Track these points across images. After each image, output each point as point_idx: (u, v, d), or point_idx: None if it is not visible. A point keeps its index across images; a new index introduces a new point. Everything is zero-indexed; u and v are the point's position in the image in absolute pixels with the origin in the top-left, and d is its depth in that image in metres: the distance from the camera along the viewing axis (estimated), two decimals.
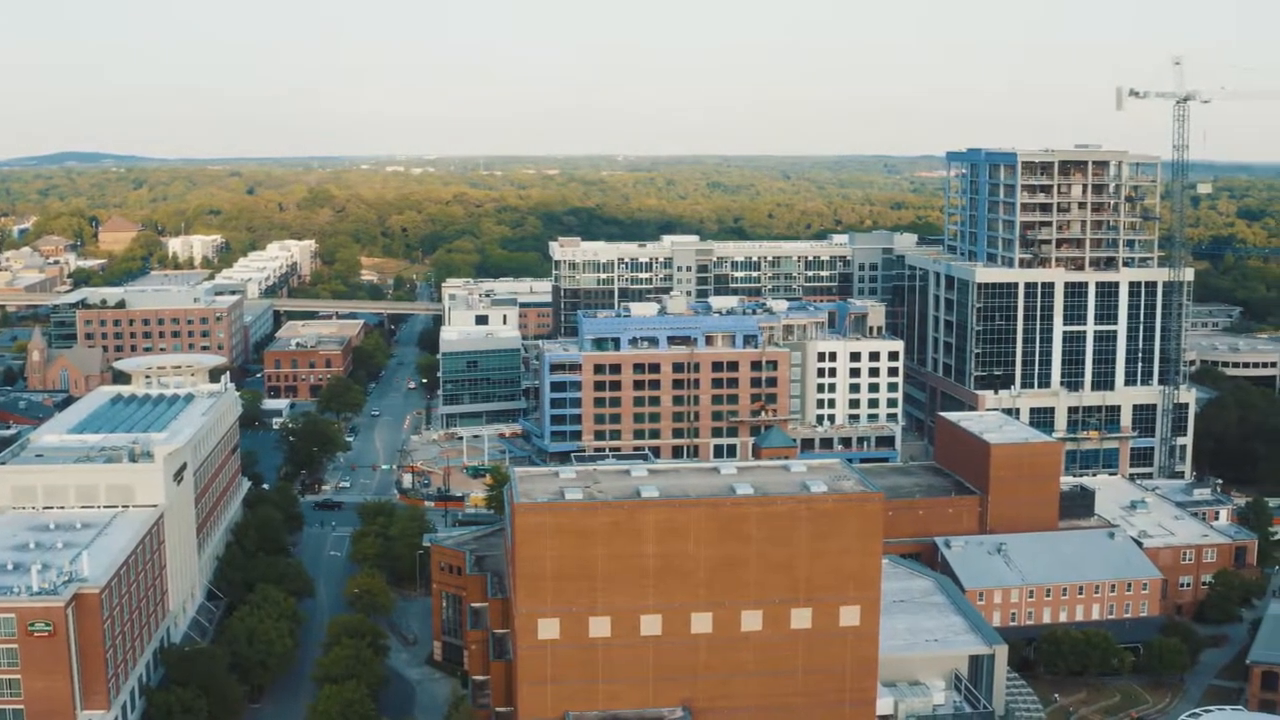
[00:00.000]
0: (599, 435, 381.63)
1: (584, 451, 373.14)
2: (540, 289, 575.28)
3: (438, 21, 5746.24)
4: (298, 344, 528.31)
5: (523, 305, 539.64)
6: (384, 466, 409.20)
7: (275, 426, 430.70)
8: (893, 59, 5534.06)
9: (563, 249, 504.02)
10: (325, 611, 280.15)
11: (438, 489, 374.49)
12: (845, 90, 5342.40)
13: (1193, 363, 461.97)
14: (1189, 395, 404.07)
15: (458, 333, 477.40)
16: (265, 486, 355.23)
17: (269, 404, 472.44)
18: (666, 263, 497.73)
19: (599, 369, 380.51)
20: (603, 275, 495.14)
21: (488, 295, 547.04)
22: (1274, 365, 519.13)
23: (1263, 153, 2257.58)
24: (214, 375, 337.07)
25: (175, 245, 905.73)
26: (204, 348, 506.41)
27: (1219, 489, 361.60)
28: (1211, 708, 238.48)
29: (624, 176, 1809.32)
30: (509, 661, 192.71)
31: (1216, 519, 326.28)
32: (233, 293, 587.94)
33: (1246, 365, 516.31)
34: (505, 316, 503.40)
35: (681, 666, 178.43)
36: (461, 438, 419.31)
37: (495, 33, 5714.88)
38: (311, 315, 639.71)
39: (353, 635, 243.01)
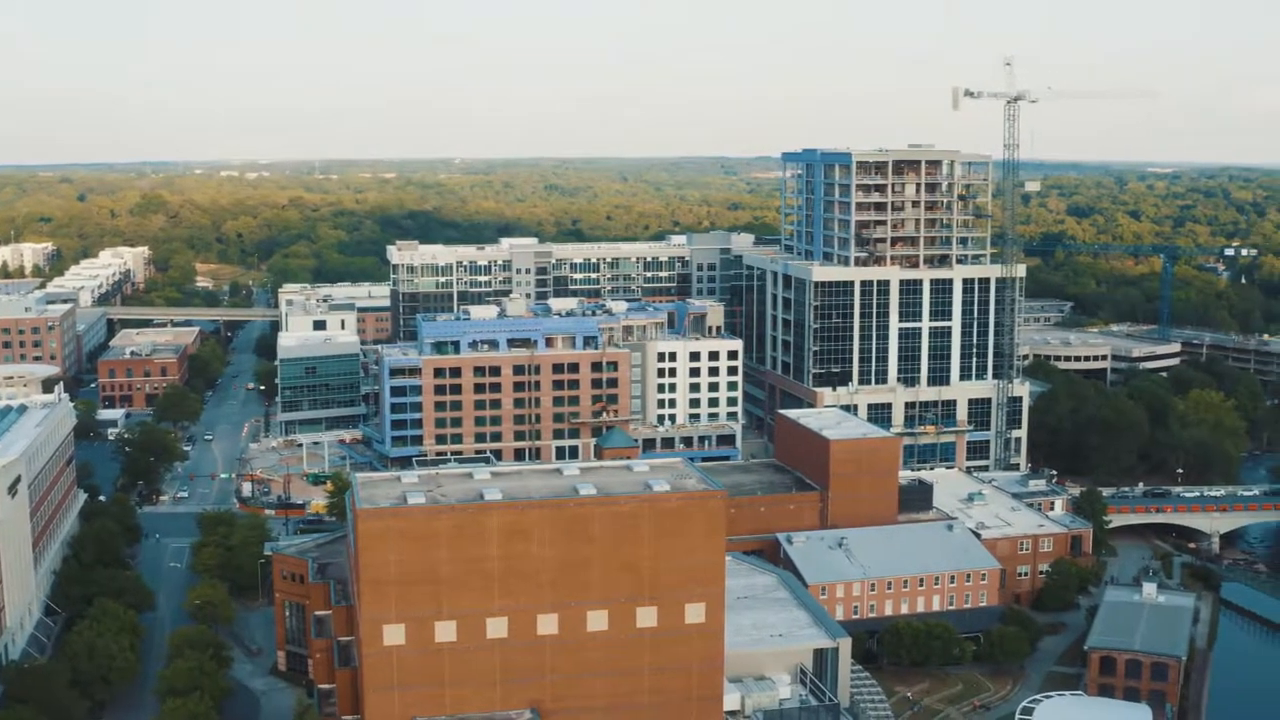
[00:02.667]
0: (440, 439, 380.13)
1: (425, 456, 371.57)
2: (378, 293, 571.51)
3: (266, 23, 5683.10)
4: (132, 353, 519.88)
5: (361, 310, 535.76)
6: (223, 475, 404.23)
7: (111, 437, 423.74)
8: (730, 61, 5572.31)
9: (400, 253, 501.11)
10: (166, 624, 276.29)
11: (278, 497, 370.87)
12: (682, 92, 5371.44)
13: (1026, 357, 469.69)
14: (1023, 389, 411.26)
15: (295, 339, 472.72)
16: (102, 498, 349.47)
17: (104, 414, 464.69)
18: (505, 265, 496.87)
19: (439, 373, 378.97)
20: (441, 279, 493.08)
21: (325, 300, 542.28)
22: (1105, 358, 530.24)
23: (1091, 152, 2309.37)
24: (47, 386, 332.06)
25: (5, 254, 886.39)
26: (36, 358, 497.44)
27: (1054, 480, 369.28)
28: (1052, 693, 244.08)
29: (461, 179, 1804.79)
30: (354, 669, 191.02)
31: (1052, 509, 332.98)
32: (65, 301, 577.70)
33: (1078, 358, 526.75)
34: (343, 321, 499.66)
35: (528, 668, 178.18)
36: (301, 445, 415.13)
37: (325, 34, 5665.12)
38: (146, 323, 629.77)
39: (195, 647, 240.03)
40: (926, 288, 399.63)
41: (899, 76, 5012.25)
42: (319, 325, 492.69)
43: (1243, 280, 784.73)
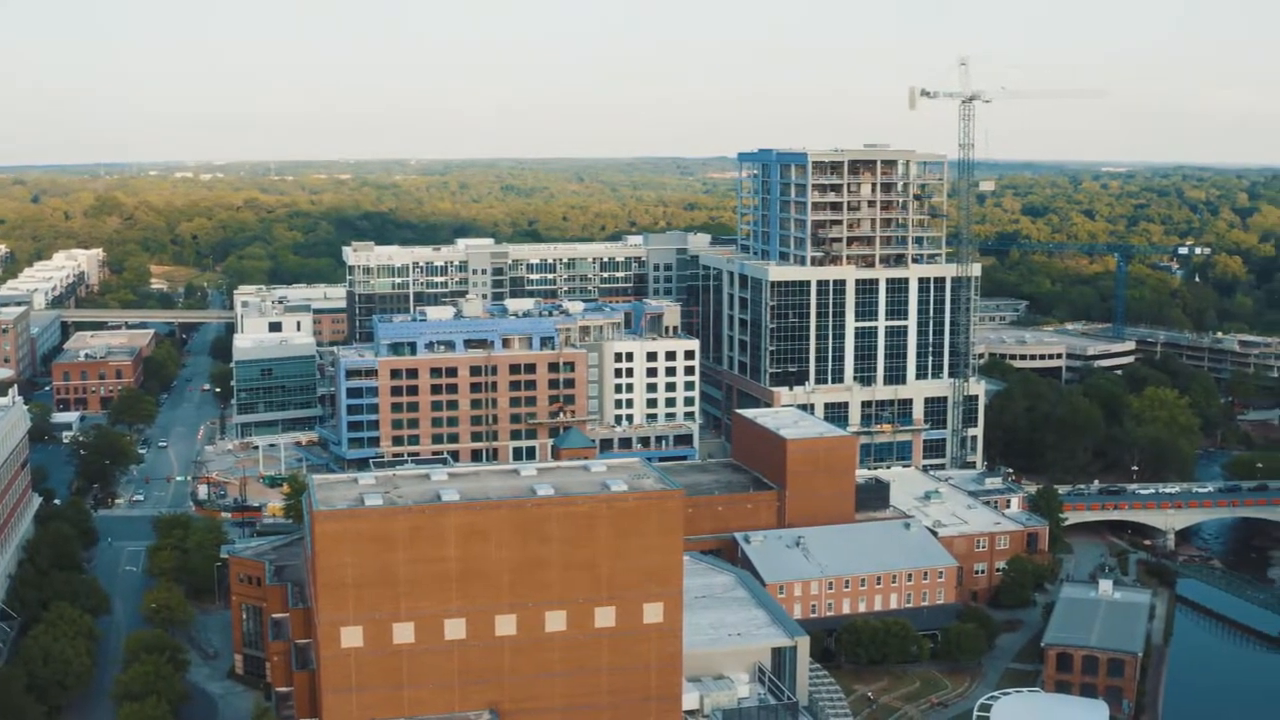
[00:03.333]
0: (397, 441, 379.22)
1: (382, 457, 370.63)
2: (335, 295, 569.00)
3: (221, 24, 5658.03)
4: (87, 355, 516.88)
5: (317, 311, 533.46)
6: (179, 478, 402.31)
7: (65, 440, 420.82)
8: (686, 61, 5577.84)
9: (357, 254, 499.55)
10: (123, 628, 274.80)
11: (234, 500, 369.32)
12: (638, 93, 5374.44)
13: (981, 356, 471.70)
14: (978, 387, 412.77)
15: (251, 340, 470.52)
16: (57, 502, 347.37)
17: (58, 417, 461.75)
18: (461, 266, 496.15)
19: (395, 374, 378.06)
20: (398, 280, 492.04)
21: (281, 302, 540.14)
22: (1059, 356, 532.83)
23: (1046, 152, 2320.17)
24: (1, 389, 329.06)
25: None
26: None
27: (1010, 478, 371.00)
28: (1009, 690, 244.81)
29: (417, 180, 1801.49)
30: (312, 671, 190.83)
31: (1008, 507, 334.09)
32: (18, 304, 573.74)
33: (1033, 357, 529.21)
34: (299, 323, 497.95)
35: (487, 669, 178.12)
36: (257, 447, 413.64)
37: (280, 36, 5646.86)
38: (101, 326, 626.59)
39: (152, 651, 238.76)
40: (882, 287, 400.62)
41: (857, 76, 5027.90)
42: (275, 327, 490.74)
43: (1196, 279, 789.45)
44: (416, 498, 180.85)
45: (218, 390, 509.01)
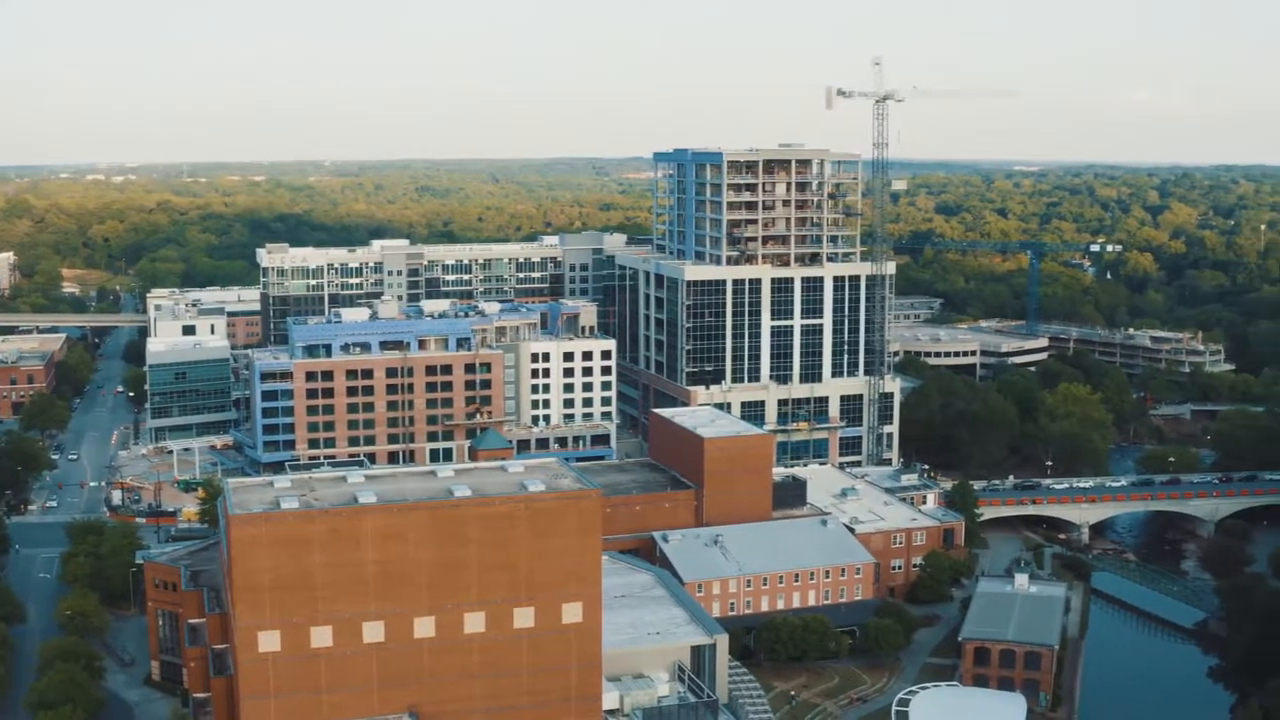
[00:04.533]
0: (313, 444, 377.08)
1: (298, 460, 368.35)
2: (249, 297, 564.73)
3: (131, 25, 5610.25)
4: None
5: (231, 314, 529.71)
6: (92, 484, 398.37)
7: None
8: (602, 61, 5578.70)
9: (271, 256, 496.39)
10: (37, 636, 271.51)
11: (149, 505, 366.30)
12: (554, 93, 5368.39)
13: (896, 353, 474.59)
14: (894, 385, 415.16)
15: (164, 344, 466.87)
16: None
17: None
18: (377, 267, 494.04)
19: (311, 376, 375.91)
20: (312, 281, 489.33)
21: (195, 305, 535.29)
22: (974, 354, 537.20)
23: (959, 151, 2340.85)
24: None
25: None
26: None
27: (926, 474, 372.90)
28: (927, 685, 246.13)
29: (332, 182, 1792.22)
30: (230, 677, 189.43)
31: (924, 503, 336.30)
32: None
33: (948, 354, 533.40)
34: (213, 326, 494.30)
35: (406, 672, 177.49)
36: (172, 451, 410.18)
37: (191, 35, 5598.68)
38: (11, 330, 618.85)
39: (67, 659, 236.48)
40: (798, 286, 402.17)
41: (774, 76, 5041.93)
42: (188, 330, 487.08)
43: (1108, 276, 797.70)
44: (333, 500, 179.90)
45: (131, 394, 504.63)
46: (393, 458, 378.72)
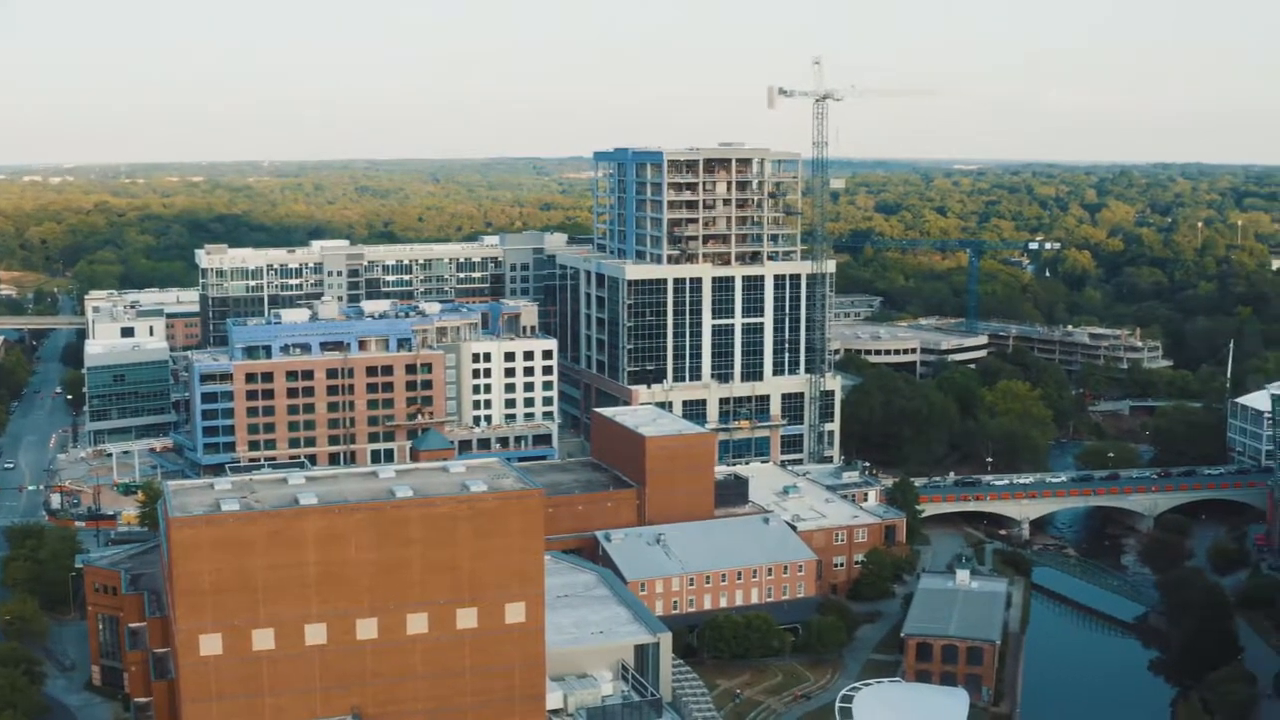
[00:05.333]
0: (253, 445, 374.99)
1: (238, 462, 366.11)
2: (188, 298, 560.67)
3: (66, 23, 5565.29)
4: None
5: (170, 316, 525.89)
6: (30, 487, 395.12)
7: None
8: (542, 60, 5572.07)
9: (210, 257, 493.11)
10: None
11: (88, 508, 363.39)
12: (494, 92, 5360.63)
13: (837, 351, 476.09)
14: (835, 382, 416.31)
15: (103, 346, 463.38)
16: None
17: None
18: (317, 268, 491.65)
19: (251, 378, 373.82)
20: (251, 282, 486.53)
21: (133, 307, 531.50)
22: (914, 351, 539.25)
23: (899, 150, 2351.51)
24: None
25: None
26: None
27: (867, 471, 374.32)
28: (870, 681, 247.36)
29: (271, 182, 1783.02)
30: (171, 681, 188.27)
31: (866, 500, 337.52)
32: None
33: (888, 352, 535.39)
34: (152, 328, 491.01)
35: (348, 674, 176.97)
36: (111, 454, 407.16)
37: (129, 35, 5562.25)
38: None
39: (6, 664, 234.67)
40: (738, 285, 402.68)
41: (718, 76, 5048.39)
42: (127, 332, 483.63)
43: (1046, 273, 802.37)
44: (274, 502, 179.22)
45: (70, 397, 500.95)
46: (334, 459, 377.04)
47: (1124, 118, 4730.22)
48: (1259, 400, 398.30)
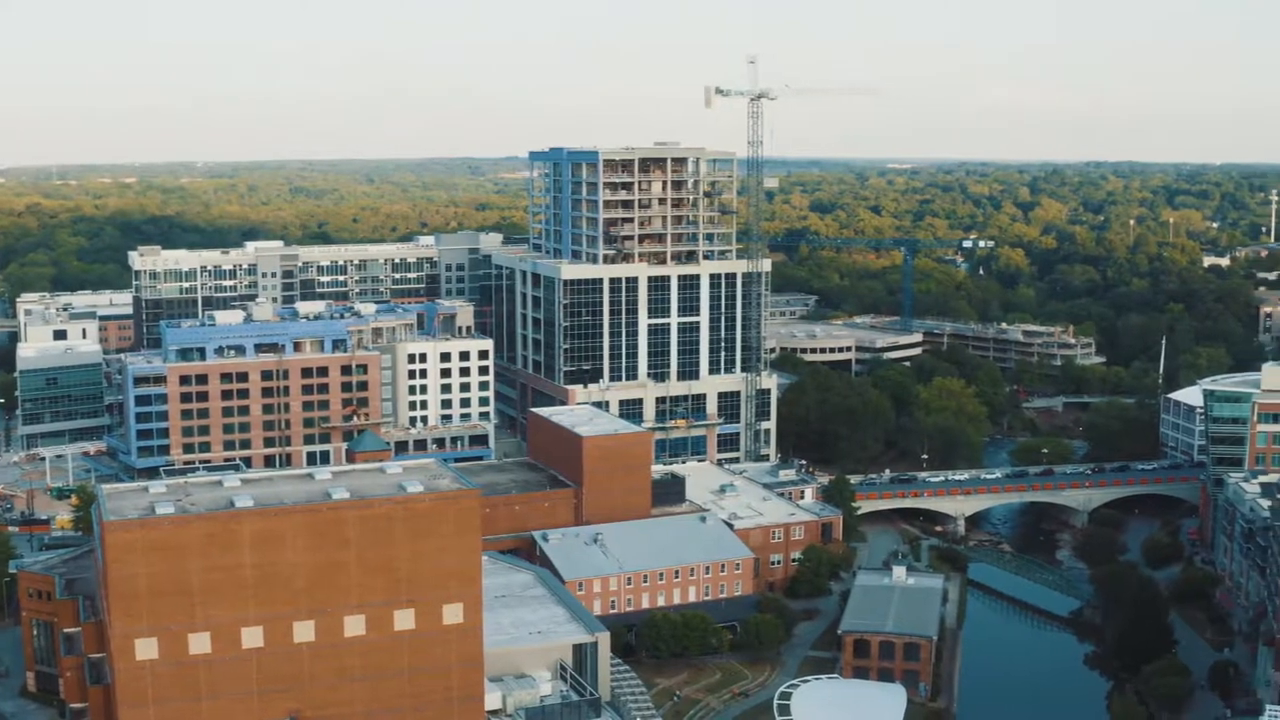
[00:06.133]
0: (188, 448, 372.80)
1: (173, 465, 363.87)
2: (121, 301, 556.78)
3: None
4: None
5: (103, 318, 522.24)
6: None
7: None
8: (477, 60, 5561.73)
9: (143, 259, 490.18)
10: None
11: (21, 513, 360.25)
12: (428, 92, 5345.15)
13: (773, 350, 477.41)
14: (771, 381, 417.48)
15: (35, 349, 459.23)
16: None
17: None
18: (251, 269, 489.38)
19: (185, 380, 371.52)
20: (185, 284, 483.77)
21: (66, 309, 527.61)
22: (850, 349, 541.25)
23: (832, 150, 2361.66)
24: None
25: None
26: None
27: (803, 469, 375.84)
28: (808, 678, 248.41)
29: (204, 183, 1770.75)
30: (107, 686, 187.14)
31: (802, 498, 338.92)
32: None
33: (824, 350, 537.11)
34: (85, 330, 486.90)
35: (286, 677, 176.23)
36: (44, 458, 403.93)
37: (60, 35, 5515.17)
38: None
39: None
40: (674, 284, 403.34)
41: (656, 75, 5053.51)
42: (59, 335, 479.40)
43: (980, 271, 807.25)
44: (209, 505, 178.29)
45: (1, 401, 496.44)
46: (269, 461, 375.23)
47: (1057, 117, 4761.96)
48: (1191, 396, 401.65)
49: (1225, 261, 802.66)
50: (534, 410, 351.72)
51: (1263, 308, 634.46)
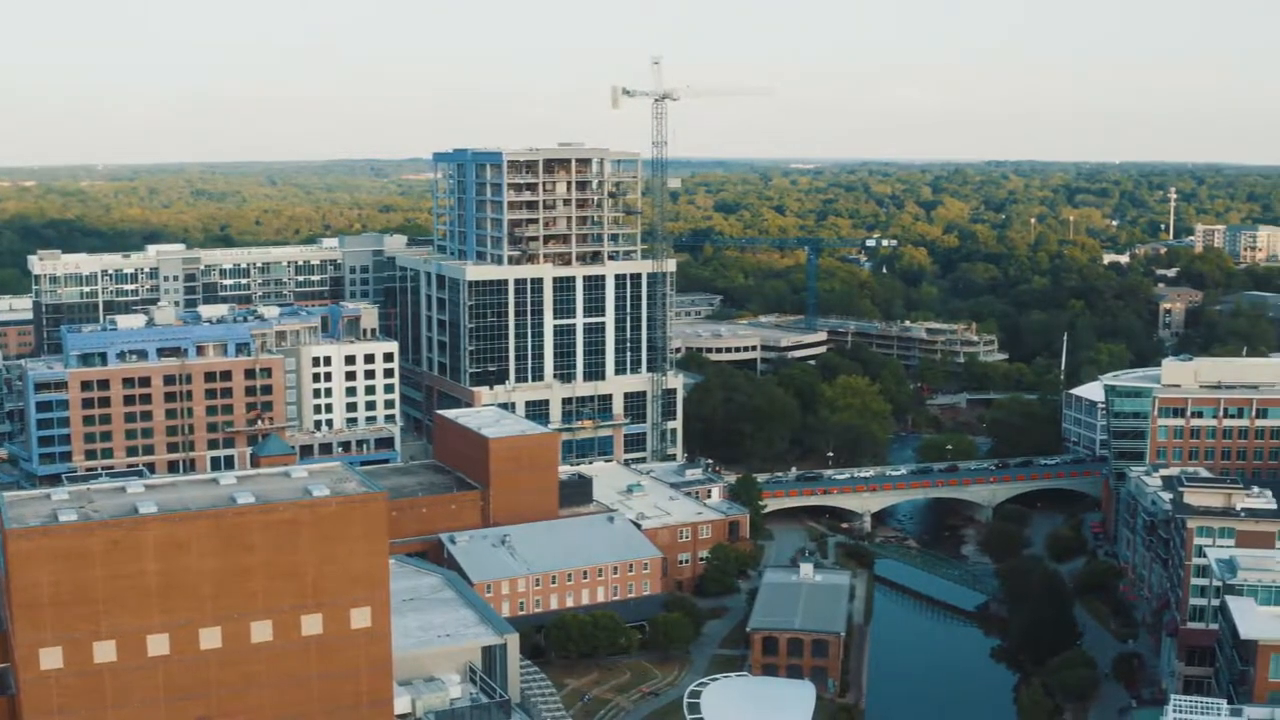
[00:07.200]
0: (90, 454, 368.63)
1: (76, 472, 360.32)
2: (20, 306, 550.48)
3: None
4: None
5: (2, 324, 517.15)
6: None
7: None
8: (379, 61, 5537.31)
9: (42, 263, 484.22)
10: None
11: None
12: (329, 93, 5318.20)
13: (678, 350, 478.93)
14: (676, 381, 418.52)
15: None
16: None
17: None
18: (152, 273, 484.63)
19: (86, 386, 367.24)
20: (86, 289, 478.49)
21: None
22: (755, 348, 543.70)
23: (736, 150, 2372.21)
24: None
25: None
26: None
27: (710, 468, 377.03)
28: (718, 676, 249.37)
29: (104, 186, 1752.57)
30: (11, 696, 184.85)
31: (709, 497, 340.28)
32: None
33: (729, 350, 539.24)
34: None
35: (193, 684, 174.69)
36: None
37: None
38: None
39: None
40: (580, 284, 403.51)
41: (562, 76, 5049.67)
42: None
43: (884, 270, 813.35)
44: (112, 512, 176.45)
45: None
46: (173, 467, 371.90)
47: (958, 117, 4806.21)
48: (1093, 391, 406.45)
49: (1125, 259, 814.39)
50: (440, 412, 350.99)
51: (1162, 304, 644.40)
